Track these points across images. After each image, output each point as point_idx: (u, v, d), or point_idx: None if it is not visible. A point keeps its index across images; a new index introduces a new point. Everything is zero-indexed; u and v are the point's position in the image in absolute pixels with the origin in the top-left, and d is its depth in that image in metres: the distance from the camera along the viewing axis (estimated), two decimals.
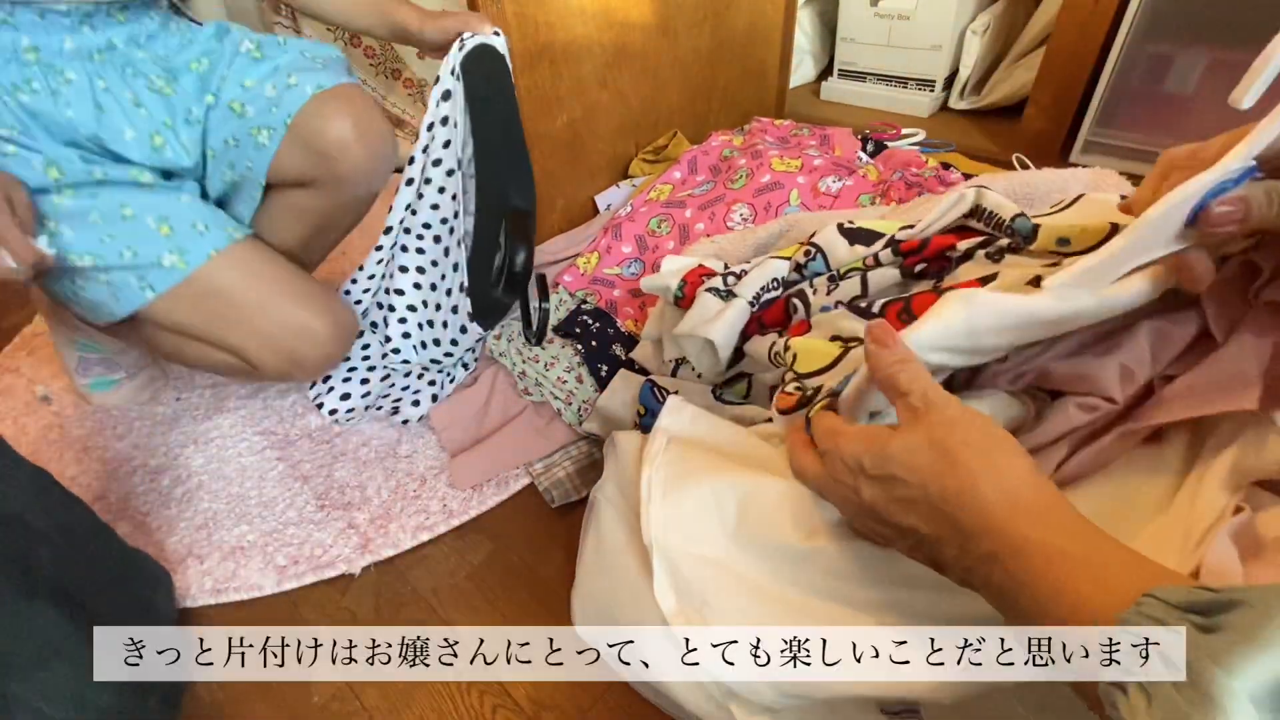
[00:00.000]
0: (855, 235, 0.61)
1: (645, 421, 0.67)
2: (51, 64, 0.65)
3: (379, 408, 0.87)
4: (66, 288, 0.70)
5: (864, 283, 0.55)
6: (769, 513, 0.47)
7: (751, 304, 0.62)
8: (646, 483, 0.51)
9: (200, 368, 0.81)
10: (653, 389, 0.68)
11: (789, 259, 0.64)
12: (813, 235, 0.65)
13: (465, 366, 0.92)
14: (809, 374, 0.48)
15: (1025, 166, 1.17)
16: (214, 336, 0.73)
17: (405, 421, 0.86)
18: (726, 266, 0.70)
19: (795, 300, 0.59)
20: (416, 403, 0.86)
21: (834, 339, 0.51)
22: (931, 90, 1.44)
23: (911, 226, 0.56)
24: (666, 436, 0.54)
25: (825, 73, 1.64)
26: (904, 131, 1.31)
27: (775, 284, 0.64)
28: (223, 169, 0.74)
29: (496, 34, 0.77)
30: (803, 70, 1.68)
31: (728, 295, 0.63)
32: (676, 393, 0.64)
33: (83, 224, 0.65)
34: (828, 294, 0.57)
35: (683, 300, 0.68)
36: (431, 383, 0.88)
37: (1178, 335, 0.42)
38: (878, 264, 0.56)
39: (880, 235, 0.60)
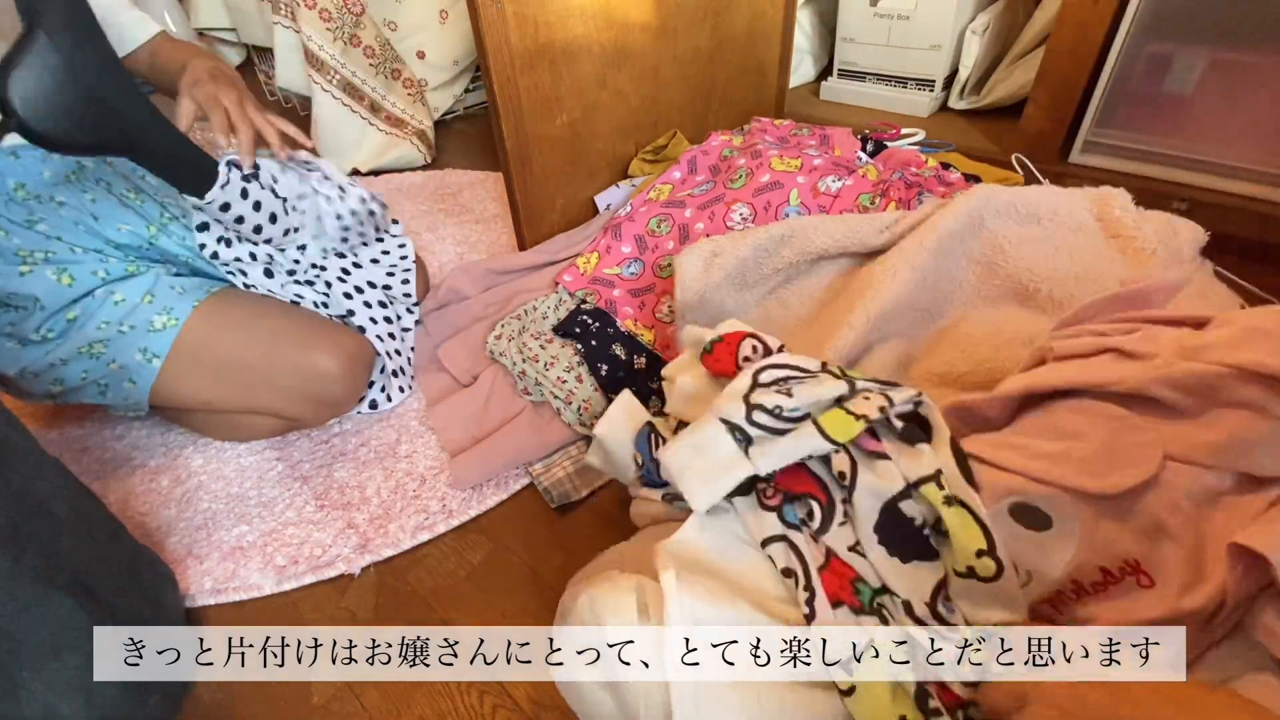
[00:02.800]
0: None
1: (645, 474, 0.59)
2: (41, 194, 0.71)
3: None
4: (93, 394, 0.76)
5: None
6: None
7: (766, 478, 0.49)
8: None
9: (261, 437, 0.86)
10: (650, 435, 0.59)
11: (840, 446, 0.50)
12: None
13: (407, 323, 0.95)
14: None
15: (1025, 167, 1.18)
16: (245, 404, 0.79)
17: (374, 406, 0.88)
18: (781, 348, 0.58)
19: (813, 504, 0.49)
20: (390, 398, 0.89)
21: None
22: (931, 90, 1.44)
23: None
24: (675, 572, 0.45)
25: (825, 72, 1.64)
26: (904, 131, 1.31)
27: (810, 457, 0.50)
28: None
29: None
30: (802, 70, 1.68)
31: (744, 442, 0.49)
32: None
33: (90, 322, 0.72)
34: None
35: (709, 355, 0.58)
36: (394, 373, 0.89)
37: None
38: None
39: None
